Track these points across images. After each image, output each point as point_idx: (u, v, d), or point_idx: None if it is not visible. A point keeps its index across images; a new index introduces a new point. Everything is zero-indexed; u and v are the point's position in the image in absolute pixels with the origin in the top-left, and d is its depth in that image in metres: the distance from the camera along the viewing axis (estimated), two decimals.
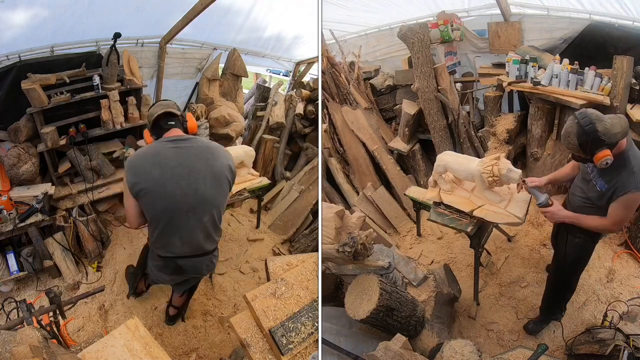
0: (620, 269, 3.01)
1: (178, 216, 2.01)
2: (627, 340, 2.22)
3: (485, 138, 3.85)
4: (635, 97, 3.05)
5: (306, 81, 5.62)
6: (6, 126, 3.28)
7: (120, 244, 3.50)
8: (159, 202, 1.97)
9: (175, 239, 2.07)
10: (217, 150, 2.13)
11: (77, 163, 3.46)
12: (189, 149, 2.03)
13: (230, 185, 2.15)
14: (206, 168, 2.02)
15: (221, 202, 2.13)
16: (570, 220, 2.29)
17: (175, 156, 1.99)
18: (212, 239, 2.20)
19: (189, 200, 1.98)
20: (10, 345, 1.59)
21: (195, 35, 4.21)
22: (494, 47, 3.98)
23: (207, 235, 2.15)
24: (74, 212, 3.26)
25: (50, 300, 2.10)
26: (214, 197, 2.06)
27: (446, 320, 2.77)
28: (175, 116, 2.16)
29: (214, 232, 2.19)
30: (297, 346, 2.01)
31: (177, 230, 2.05)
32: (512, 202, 2.66)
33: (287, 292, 2.21)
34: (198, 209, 2.02)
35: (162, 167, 1.96)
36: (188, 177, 1.98)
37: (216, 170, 2.05)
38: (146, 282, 2.89)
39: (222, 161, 2.09)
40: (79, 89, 3.47)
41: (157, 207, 1.99)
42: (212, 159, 2.05)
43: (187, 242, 2.10)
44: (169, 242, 2.09)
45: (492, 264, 3.23)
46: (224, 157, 2.12)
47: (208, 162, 2.03)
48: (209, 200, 2.04)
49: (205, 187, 2.01)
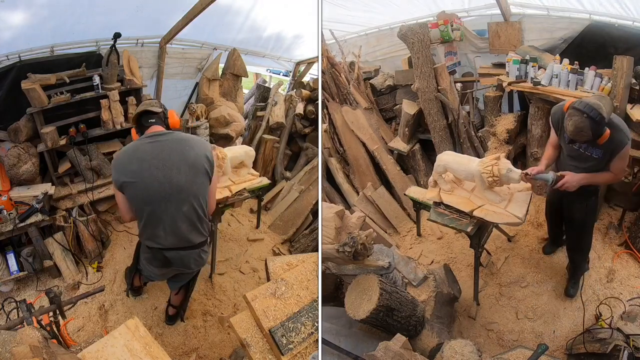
0: (620, 269, 3.01)
1: (157, 206, 2.12)
2: (627, 340, 2.22)
3: (485, 138, 3.85)
4: (635, 97, 3.05)
5: (306, 81, 5.63)
6: (6, 126, 3.28)
7: (120, 244, 3.50)
8: (139, 194, 2.11)
9: (159, 230, 2.17)
10: (192, 142, 2.24)
11: (77, 163, 3.46)
12: (165, 143, 2.16)
13: (208, 174, 2.23)
14: (181, 158, 2.13)
15: (199, 191, 2.20)
16: (587, 181, 2.46)
17: (152, 150, 2.14)
18: (197, 231, 2.26)
19: (166, 189, 2.10)
20: (10, 345, 1.59)
21: (195, 35, 4.21)
22: (494, 47, 3.98)
23: (191, 225, 2.22)
24: (74, 212, 3.26)
25: (50, 300, 2.10)
26: (189, 185, 2.15)
27: (446, 320, 2.77)
28: (156, 114, 2.31)
29: (198, 223, 2.25)
30: (297, 346, 2.01)
31: (160, 220, 2.16)
32: (512, 202, 2.66)
33: (287, 292, 2.21)
34: (174, 197, 2.13)
35: (140, 161, 2.11)
36: (163, 168, 2.10)
37: (190, 160, 2.15)
38: (141, 279, 2.90)
39: (197, 151, 2.19)
40: (79, 89, 3.47)
41: (138, 198, 2.13)
42: (187, 150, 2.16)
43: (171, 232, 2.19)
44: (154, 233, 2.19)
45: (492, 264, 3.23)
46: (199, 148, 2.22)
47: (183, 153, 2.15)
48: (184, 188, 2.14)
49: (179, 176, 2.12)
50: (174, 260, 2.29)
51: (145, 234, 2.24)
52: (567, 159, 2.56)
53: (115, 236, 3.55)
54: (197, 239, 2.28)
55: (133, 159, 2.13)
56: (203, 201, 2.24)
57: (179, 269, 2.40)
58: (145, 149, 2.15)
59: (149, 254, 2.32)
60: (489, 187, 2.66)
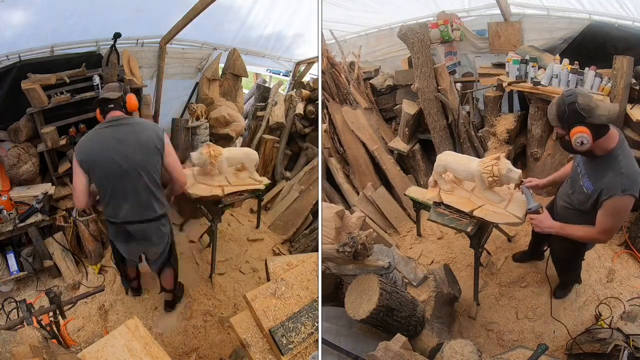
0: (620, 269, 3.01)
1: (115, 181, 2.38)
2: (627, 340, 2.22)
3: (485, 138, 3.85)
4: (635, 97, 3.05)
5: (306, 81, 5.62)
6: (6, 126, 3.27)
7: None
8: (99, 171, 2.36)
9: (120, 203, 2.43)
10: (145, 124, 2.51)
11: None
12: (121, 126, 2.42)
13: (159, 152, 2.46)
14: (134, 138, 2.39)
15: (151, 167, 2.44)
16: (555, 231, 2.23)
17: (111, 132, 2.40)
18: (152, 207, 2.49)
19: (122, 165, 2.35)
20: (10, 345, 1.59)
21: (195, 35, 4.20)
22: (494, 47, 3.98)
23: (147, 199, 2.46)
24: (74, 212, 3.25)
25: (50, 300, 2.10)
26: (142, 161, 2.40)
27: (446, 320, 2.77)
28: (114, 100, 2.50)
29: (153, 198, 2.48)
30: (297, 346, 2.01)
31: (119, 195, 2.41)
32: (512, 202, 2.66)
33: (287, 292, 2.21)
34: (130, 172, 2.37)
35: (100, 142, 2.37)
36: (119, 147, 2.35)
37: (142, 139, 2.40)
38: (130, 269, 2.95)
39: (149, 132, 2.45)
40: (79, 89, 3.47)
41: (99, 175, 2.37)
42: (140, 132, 2.42)
43: (130, 206, 2.43)
44: (116, 208, 2.44)
45: (492, 264, 3.23)
46: (150, 129, 2.48)
47: (136, 133, 2.41)
48: (138, 164, 2.38)
49: (133, 153, 2.37)
50: (135, 233, 2.50)
51: (107, 210, 2.48)
52: (567, 183, 2.37)
53: None
54: (154, 213, 2.50)
55: (94, 141, 2.38)
56: (155, 175, 2.48)
57: (143, 242, 2.57)
58: (104, 133, 2.40)
59: (113, 230, 2.56)
60: (489, 187, 2.66)
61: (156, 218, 2.53)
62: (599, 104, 1.96)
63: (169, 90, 4.43)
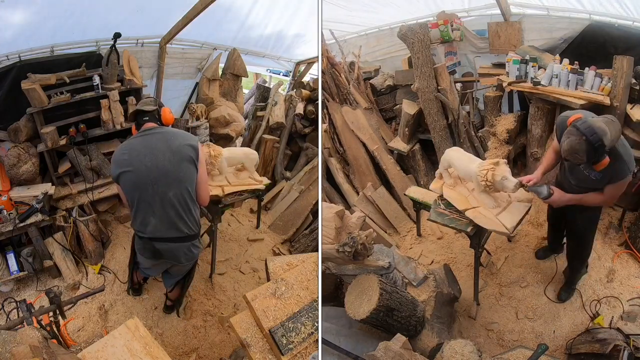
0: (620, 269, 3.01)
1: (145, 190, 2.25)
2: (627, 340, 2.22)
3: (485, 138, 3.85)
4: (635, 97, 3.05)
5: (306, 81, 5.62)
6: (6, 126, 3.28)
7: (120, 244, 3.50)
8: (129, 180, 2.27)
9: (149, 215, 2.29)
10: (177, 134, 2.42)
11: (77, 163, 3.46)
12: (153, 135, 2.35)
13: (193, 161, 2.34)
14: (166, 147, 2.29)
15: (184, 176, 2.32)
16: (573, 202, 2.44)
17: (142, 142, 2.33)
18: (186, 219, 2.35)
19: (153, 173, 2.24)
20: (10, 345, 1.59)
21: (195, 35, 4.21)
22: (494, 47, 3.98)
23: (179, 211, 2.31)
24: (74, 212, 3.25)
25: (50, 300, 2.10)
26: (174, 171, 2.28)
27: (446, 320, 2.77)
28: (149, 112, 2.46)
29: (186, 209, 2.34)
30: (297, 346, 2.01)
31: (149, 205, 2.28)
32: (506, 211, 2.63)
33: (287, 292, 2.21)
34: (161, 180, 2.25)
35: (131, 151, 2.30)
36: (150, 155, 2.26)
37: (174, 147, 2.30)
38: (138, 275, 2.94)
39: (181, 141, 2.34)
40: (79, 89, 3.47)
41: (129, 185, 2.28)
42: (172, 140, 2.33)
43: (159, 218, 2.29)
44: (143, 220, 2.30)
45: (492, 264, 3.23)
46: (182, 138, 2.38)
47: (168, 142, 2.31)
48: (170, 173, 2.27)
49: (165, 161, 2.26)
50: (164, 251, 2.37)
51: (136, 222, 2.35)
52: (567, 171, 2.50)
53: (115, 236, 3.56)
54: (186, 230, 2.36)
55: (125, 152, 2.31)
56: (190, 187, 2.34)
57: (170, 261, 2.47)
58: (136, 142, 2.34)
59: (140, 244, 2.42)
60: (485, 191, 2.65)
61: (188, 237, 2.38)
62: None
63: (169, 90, 4.44)
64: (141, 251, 2.46)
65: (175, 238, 2.35)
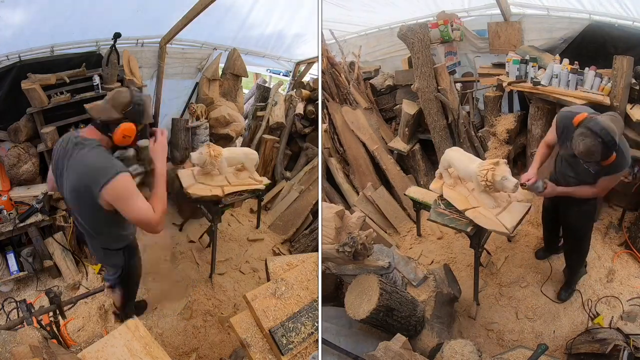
0: (620, 269, 3.01)
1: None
2: (626, 340, 2.22)
3: (485, 138, 3.85)
4: (635, 97, 3.05)
5: (306, 81, 5.62)
6: (6, 126, 3.27)
7: None
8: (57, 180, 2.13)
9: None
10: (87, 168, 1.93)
11: None
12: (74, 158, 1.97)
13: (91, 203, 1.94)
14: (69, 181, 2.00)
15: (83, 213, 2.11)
16: (565, 193, 2.49)
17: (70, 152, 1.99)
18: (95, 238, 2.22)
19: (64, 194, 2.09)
20: (10, 345, 1.59)
21: (195, 35, 4.20)
22: (494, 47, 3.98)
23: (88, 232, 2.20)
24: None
25: (50, 300, 2.10)
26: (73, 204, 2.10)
27: (446, 320, 2.77)
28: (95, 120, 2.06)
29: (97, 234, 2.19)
30: (297, 346, 2.01)
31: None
32: (506, 211, 2.63)
33: (287, 292, 2.21)
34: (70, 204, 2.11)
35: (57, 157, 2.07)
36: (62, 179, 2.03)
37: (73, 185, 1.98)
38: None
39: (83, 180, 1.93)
40: (79, 89, 3.47)
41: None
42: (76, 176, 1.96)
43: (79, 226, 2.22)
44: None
45: (492, 264, 3.23)
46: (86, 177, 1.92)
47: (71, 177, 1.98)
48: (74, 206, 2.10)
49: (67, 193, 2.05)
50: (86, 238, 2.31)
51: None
52: (563, 162, 2.54)
53: None
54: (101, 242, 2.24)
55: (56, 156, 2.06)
56: (95, 221, 2.10)
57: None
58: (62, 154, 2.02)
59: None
60: (485, 191, 2.65)
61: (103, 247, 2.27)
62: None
63: (168, 90, 4.43)
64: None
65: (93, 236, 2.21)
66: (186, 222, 3.86)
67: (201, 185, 3.12)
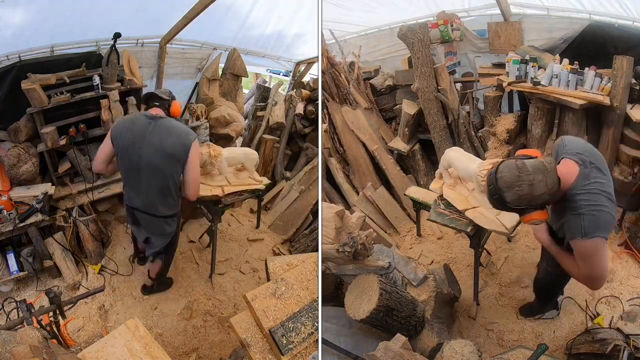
0: (620, 269, 3.01)
1: (132, 171, 2.56)
2: (627, 340, 2.22)
3: (485, 138, 3.85)
4: (635, 97, 3.05)
5: (306, 81, 5.62)
6: (6, 126, 3.27)
7: (120, 244, 3.50)
8: (122, 156, 2.55)
9: (134, 192, 2.62)
10: (174, 130, 2.54)
11: (77, 163, 3.46)
12: (155, 124, 2.51)
13: (180, 161, 2.51)
14: (158, 142, 2.47)
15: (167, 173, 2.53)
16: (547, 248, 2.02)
17: (144, 126, 2.51)
18: (164, 204, 2.62)
19: (140, 162, 2.50)
20: (10, 345, 1.59)
21: (195, 35, 4.20)
22: (494, 47, 3.98)
23: (159, 199, 2.59)
24: (74, 212, 3.26)
25: (50, 300, 2.10)
26: (159, 165, 2.49)
27: (446, 320, 2.77)
28: (160, 99, 2.69)
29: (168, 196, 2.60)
30: (297, 346, 2.01)
31: (133, 184, 2.61)
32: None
33: (287, 292, 2.21)
34: (145, 171, 2.51)
35: (132, 131, 2.51)
36: (143, 144, 2.48)
37: (166, 145, 2.47)
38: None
39: (174, 140, 2.49)
40: (79, 89, 3.47)
41: (121, 160, 2.57)
42: (165, 137, 2.49)
43: (143, 200, 2.60)
44: (129, 194, 2.67)
45: (492, 264, 3.23)
46: (177, 136, 2.51)
47: (161, 138, 2.48)
48: (156, 167, 2.49)
49: (151, 156, 2.47)
50: (141, 220, 2.68)
51: (124, 190, 2.72)
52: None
53: (115, 236, 3.56)
54: (165, 211, 2.63)
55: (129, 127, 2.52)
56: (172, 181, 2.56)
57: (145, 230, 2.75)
58: (140, 124, 2.51)
59: (125, 211, 2.81)
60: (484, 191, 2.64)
61: (162, 216, 2.65)
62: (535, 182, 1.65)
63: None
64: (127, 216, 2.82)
65: (152, 214, 2.63)
66: (186, 222, 3.86)
67: (201, 185, 3.12)
